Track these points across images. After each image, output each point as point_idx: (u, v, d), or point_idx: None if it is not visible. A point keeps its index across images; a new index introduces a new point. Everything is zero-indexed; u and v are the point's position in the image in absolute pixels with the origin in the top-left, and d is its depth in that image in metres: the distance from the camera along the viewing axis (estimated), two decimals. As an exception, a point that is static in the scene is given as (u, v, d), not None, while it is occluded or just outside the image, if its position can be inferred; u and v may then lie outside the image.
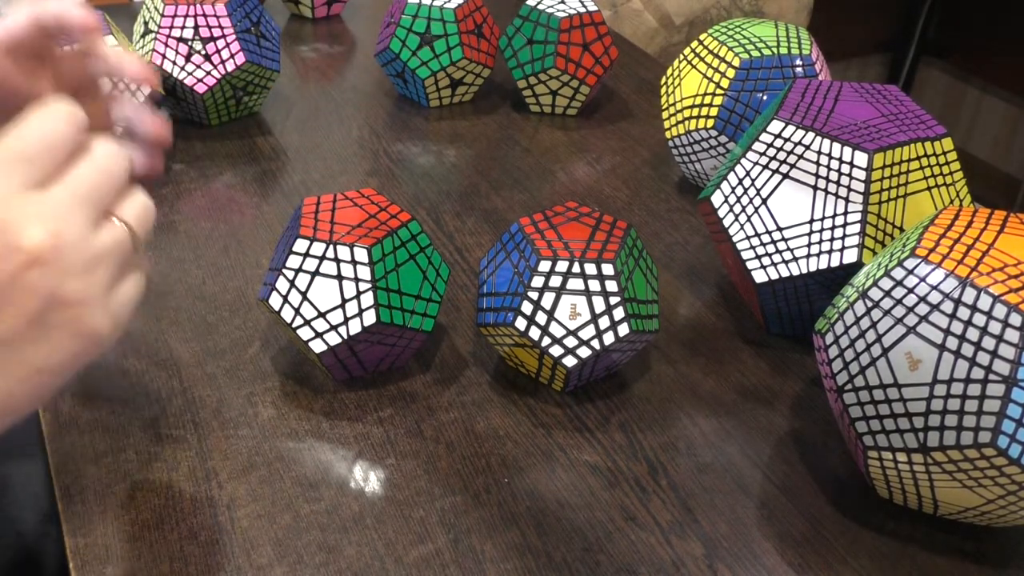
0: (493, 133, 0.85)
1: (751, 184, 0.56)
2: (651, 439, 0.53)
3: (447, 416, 0.53)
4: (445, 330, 0.60)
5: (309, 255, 0.51)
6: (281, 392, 0.54)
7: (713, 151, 0.72)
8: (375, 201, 0.55)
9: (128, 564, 0.44)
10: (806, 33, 0.72)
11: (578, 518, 0.48)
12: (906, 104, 0.57)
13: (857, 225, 0.53)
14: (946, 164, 0.55)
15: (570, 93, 0.86)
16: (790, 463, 0.52)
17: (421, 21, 0.83)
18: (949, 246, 0.44)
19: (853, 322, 0.45)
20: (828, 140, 0.53)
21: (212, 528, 0.46)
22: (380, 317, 0.50)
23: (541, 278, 0.51)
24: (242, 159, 0.78)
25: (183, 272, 0.64)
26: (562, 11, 0.84)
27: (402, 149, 0.82)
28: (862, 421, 0.45)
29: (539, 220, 0.55)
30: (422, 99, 0.88)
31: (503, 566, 0.45)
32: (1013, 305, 0.40)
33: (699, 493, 0.50)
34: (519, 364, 0.56)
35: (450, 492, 0.49)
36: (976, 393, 0.40)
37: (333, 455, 0.51)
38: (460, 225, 0.71)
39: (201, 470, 0.49)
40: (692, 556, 0.46)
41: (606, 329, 0.51)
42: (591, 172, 0.80)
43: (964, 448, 0.41)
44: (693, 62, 0.73)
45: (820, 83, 0.59)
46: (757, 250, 0.56)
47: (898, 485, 0.46)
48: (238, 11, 0.79)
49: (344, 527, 0.47)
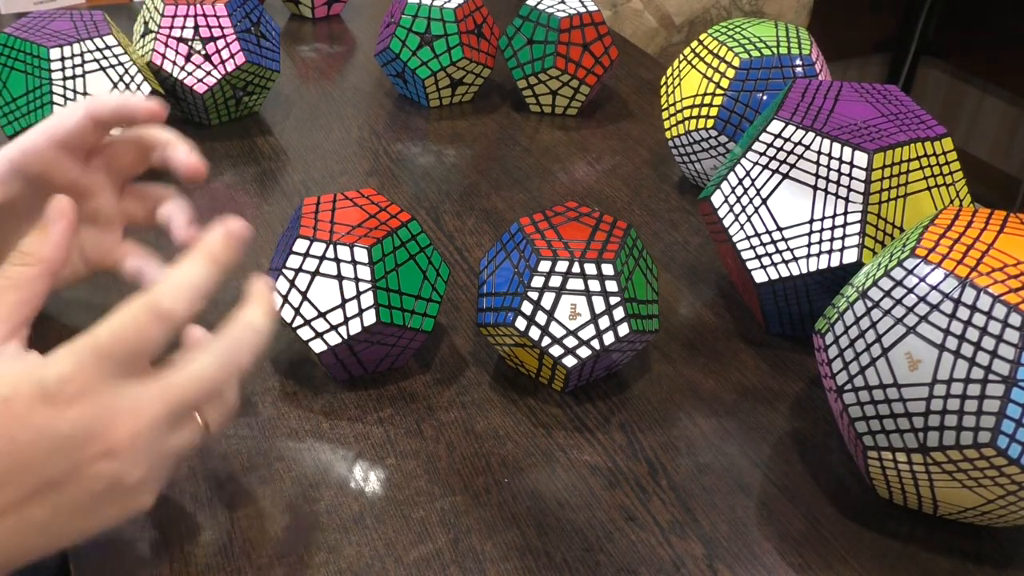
0: (493, 133, 0.85)
1: (751, 184, 0.56)
2: (651, 439, 0.53)
3: (447, 416, 0.53)
4: (445, 330, 0.60)
5: (309, 255, 0.51)
6: (281, 392, 0.54)
7: (713, 151, 0.72)
8: (375, 201, 0.55)
9: (128, 564, 0.44)
10: (806, 33, 0.72)
11: (578, 518, 0.48)
12: (906, 104, 0.57)
13: (857, 225, 0.53)
14: (946, 164, 0.55)
15: (570, 93, 0.86)
16: (790, 463, 0.52)
17: (421, 21, 0.83)
18: (949, 246, 0.44)
19: (853, 322, 0.45)
20: (828, 140, 0.53)
21: (212, 528, 0.46)
22: (380, 317, 0.50)
23: (541, 278, 0.51)
24: (242, 159, 0.78)
25: (183, 272, 0.64)
26: (562, 11, 0.84)
27: (402, 149, 0.82)
28: (862, 421, 0.45)
29: (539, 220, 0.55)
30: (422, 99, 0.88)
31: (503, 566, 0.45)
32: (1013, 305, 0.40)
33: (699, 493, 0.50)
34: (519, 364, 0.56)
35: (450, 492, 0.49)
36: (976, 393, 0.40)
37: (333, 455, 0.51)
38: (460, 225, 0.71)
39: (201, 470, 0.49)
40: (692, 556, 0.46)
41: (606, 329, 0.51)
42: (591, 172, 0.80)
43: (964, 448, 0.41)
44: (693, 62, 0.73)
45: (820, 83, 0.59)
46: (757, 250, 0.56)
47: (898, 485, 0.46)
48: (238, 11, 0.79)
49: (344, 527, 0.47)
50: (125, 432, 0.38)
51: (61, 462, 0.37)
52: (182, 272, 0.40)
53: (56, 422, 0.37)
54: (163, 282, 0.40)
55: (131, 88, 0.71)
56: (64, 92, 0.68)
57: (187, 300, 0.39)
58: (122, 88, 0.70)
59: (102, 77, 0.70)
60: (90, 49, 0.70)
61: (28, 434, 0.36)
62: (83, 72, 0.69)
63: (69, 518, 0.39)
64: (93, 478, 0.38)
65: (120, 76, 0.70)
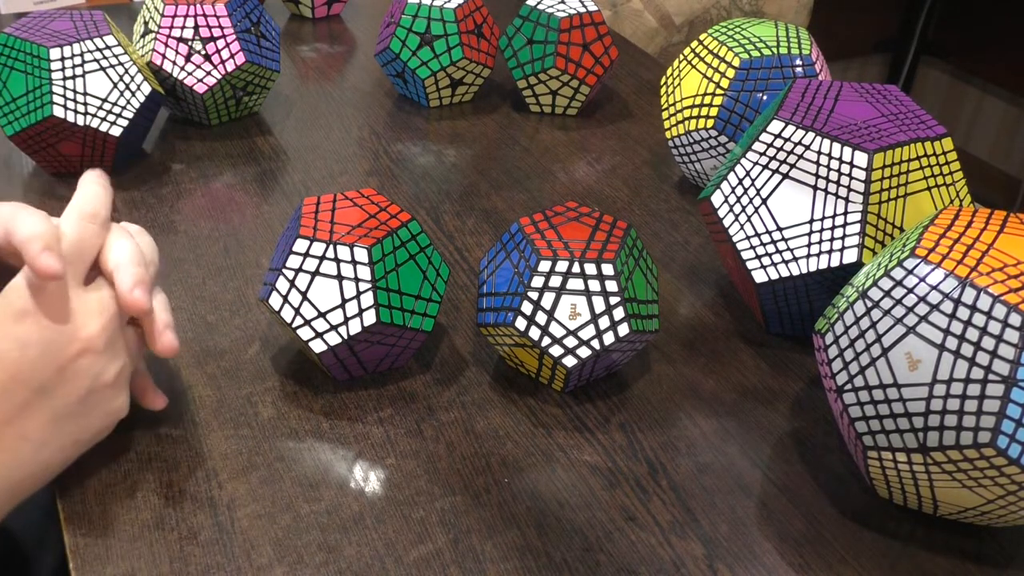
0: (493, 133, 0.85)
1: (751, 184, 0.56)
2: (651, 439, 0.53)
3: (447, 416, 0.53)
4: (445, 330, 0.60)
5: (309, 255, 0.51)
6: (281, 392, 0.54)
7: (713, 151, 0.72)
8: (375, 201, 0.55)
9: (128, 564, 0.44)
10: (806, 33, 0.72)
11: (578, 518, 0.48)
12: (906, 104, 0.57)
13: (857, 225, 0.53)
14: (946, 164, 0.55)
15: (570, 93, 0.86)
16: (790, 463, 0.52)
17: (421, 21, 0.83)
18: (949, 246, 0.44)
19: (853, 322, 0.45)
20: (828, 140, 0.53)
21: (212, 528, 0.46)
22: (380, 317, 0.50)
23: (541, 278, 0.51)
24: (242, 159, 0.78)
25: (183, 272, 0.64)
26: (562, 11, 0.84)
27: (402, 149, 0.82)
28: (862, 421, 0.45)
29: (539, 220, 0.55)
30: (422, 99, 0.88)
31: (503, 566, 0.45)
32: (1013, 305, 0.40)
33: (699, 493, 0.50)
34: (519, 364, 0.56)
35: (450, 492, 0.49)
36: (975, 393, 0.40)
37: (333, 455, 0.51)
38: (460, 225, 0.71)
39: (201, 470, 0.49)
40: (692, 556, 0.46)
41: (606, 329, 0.51)
42: (591, 172, 0.80)
43: (964, 448, 0.41)
44: (693, 62, 0.73)
45: (820, 83, 0.59)
46: (757, 250, 0.56)
47: (898, 485, 0.46)
48: (238, 11, 0.79)
49: (344, 527, 0.47)
50: (96, 328, 0.44)
51: (48, 366, 0.43)
52: (85, 188, 0.48)
53: (33, 332, 0.42)
54: (77, 198, 0.47)
55: (131, 88, 0.71)
56: (64, 92, 0.68)
57: (102, 203, 0.47)
58: (122, 88, 0.71)
59: (102, 77, 0.70)
60: (90, 49, 0.70)
61: (12, 347, 0.42)
62: (83, 72, 0.69)
63: (62, 425, 0.44)
64: (78, 375, 0.43)
65: (120, 76, 0.70)
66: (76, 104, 0.69)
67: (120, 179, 0.74)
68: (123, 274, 0.46)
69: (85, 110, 0.69)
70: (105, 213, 0.47)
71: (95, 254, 0.46)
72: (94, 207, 0.47)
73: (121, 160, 0.75)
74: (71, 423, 0.44)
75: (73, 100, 0.69)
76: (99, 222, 0.47)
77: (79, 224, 0.46)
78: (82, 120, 0.69)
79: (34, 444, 0.43)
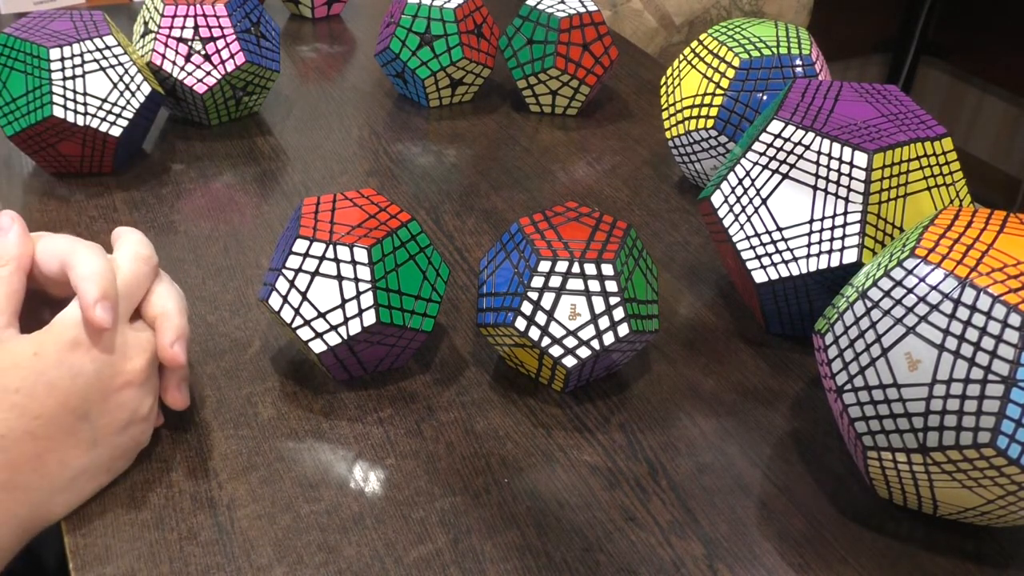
0: (493, 133, 0.85)
1: (751, 184, 0.56)
2: (651, 439, 0.53)
3: (447, 416, 0.53)
4: (445, 330, 0.60)
5: (309, 255, 0.51)
6: (281, 392, 0.54)
7: (713, 151, 0.72)
8: (375, 201, 0.55)
9: (128, 564, 0.44)
10: (806, 33, 0.72)
11: (578, 518, 0.48)
12: (906, 104, 0.57)
13: (857, 225, 0.53)
14: (946, 164, 0.55)
15: (570, 93, 0.86)
16: (790, 463, 0.52)
17: (421, 21, 0.83)
18: (949, 246, 0.44)
19: (853, 322, 0.45)
20: (828, 140, 0.53)
21: (212, 528, 0.46)
22: (380, 317, 0.50)
23: (541, 278, 0.51)
24: (242, 159, 0.78)
25: (183, 272, 0.64)
26: (562, 11, 0.84)
27: (402, 149, 0.82)
28: (862, 421, 0.45)
29: (539, 220, 0.55)
30: (422, 99, 0.88)
31: (503, 566, 0.45)
32: (1013, 305, 0.40)
33: (699, 493, 0.50)
34: (519, 364, 0.56)
35: (450, 492, 0.49)
36: (975, 393, 0.40)
37: (333, 455, 0.51)
38: (460, 225, 0.71)
39: (201, 470, 0.49)
40: (692, 556, 0.46)
41: (606, 329, 0.51)
42: (591, 172, 0.80)
43: (963, 448, 0.41)
44: (693, 62, 0.73)
45: (820, 83, 0.59)
46: (757, 250, 0.56)
47: (898, 485, 0.46)
48: (238, 11, 0.79)
49: (344, 527, 0.47)
50: (141, 363, 0.46)
51: (95, 395, 0.45)
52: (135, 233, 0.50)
53: (86, 362, 0.44)
54: (132, 240, 0.49)
55: (131, 88, 0.71)
56: (64, 92, 0.68)
57: (152, 249, 0.50)
58: (122, 88, 0.71)
59: (102, 77, 0.70)
60: (90, 49, 0.70)
61: (63, 376, 0.44)
62: (83, 72, 0.69)
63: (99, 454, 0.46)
64: (121, 407, 0.46)
65: (120, 76, 0.70)
66: (76, 104, 0.69)
67: (120, 179, 0.74)
68: (167, 324, 0.48)
69: (85, 110, 0.69)
70: (156, 259, 0.50)
71: (143, 295, 0.48)
72: (149, 251, 0.49)
73: (121, 160, 0.75)
74: (107, 452, 0.46)
75: (73, 100, 0.69)
76: (151, 265, 0.49)
77: (135, 264, 0.48)
78: (82, 120, 0.69)
79: (72, 471, 0.45)
